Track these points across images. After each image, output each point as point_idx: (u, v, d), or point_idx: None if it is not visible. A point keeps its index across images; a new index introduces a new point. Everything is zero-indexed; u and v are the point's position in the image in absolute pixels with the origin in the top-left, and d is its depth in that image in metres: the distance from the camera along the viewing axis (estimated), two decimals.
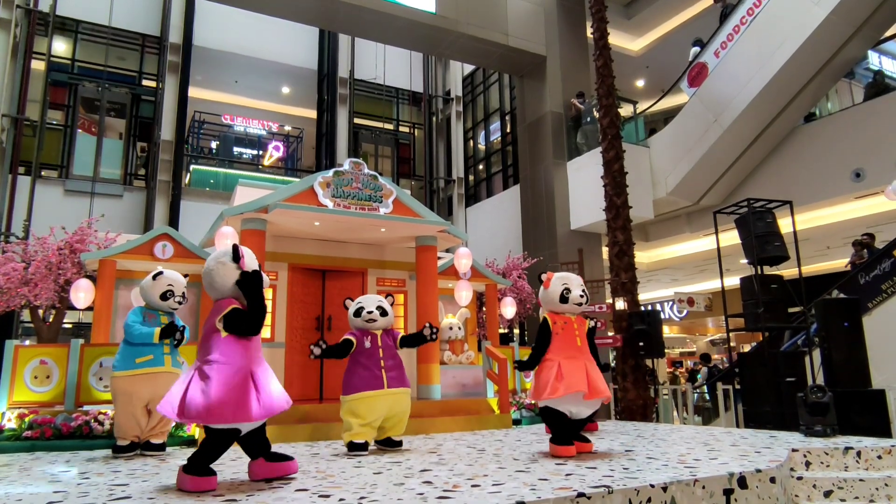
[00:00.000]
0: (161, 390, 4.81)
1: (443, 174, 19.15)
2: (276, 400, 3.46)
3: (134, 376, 4.83)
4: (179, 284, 5.18)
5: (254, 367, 3.49)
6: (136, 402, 4.85)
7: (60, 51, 14.55)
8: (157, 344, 4.93)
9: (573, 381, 4.40)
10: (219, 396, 3.29)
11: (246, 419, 3.33)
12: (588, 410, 4.59)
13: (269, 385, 3.48)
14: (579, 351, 4.62)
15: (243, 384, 3.39)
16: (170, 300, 5.08)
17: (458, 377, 7.96)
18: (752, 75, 10.88)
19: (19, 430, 5.46)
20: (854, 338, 6.43)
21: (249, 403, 3.34)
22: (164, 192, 14.08)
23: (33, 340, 8.40)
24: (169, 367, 4.94)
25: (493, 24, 13.62)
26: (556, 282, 4.78)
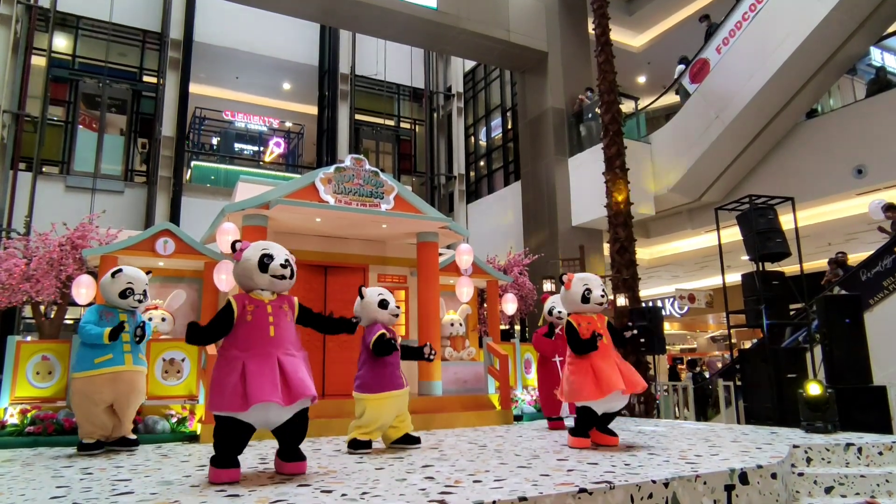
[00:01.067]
0: (123, 389, 4.78)
1: (444, 170, 19.14)
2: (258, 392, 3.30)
3: (93, 377, 4.71)
4: (140, 282, 5.03)
5: (249, 359, 3.41)
6: (98, 402, 4.74)
7: (61, 47, 14.54)
8: (116, 342, 4.79)
9: (610, 381, 4.50)
10: (213, 385, 3.40)
11: (230, 409, 3.31)
12: (622, 403, 4.71)
13: (256, 378, 3.34)
14: (607, 349, 4.73)
15: (231, 375, 3.36)
16: (129, 298, 4.94)
17: (460, 373, 7.96)
18: (754, 71, 10.85)
19: (21, 426, 5.46)
20: (855, 334, 6.42)
21: (236, 394, 3.30)
22: (165, 189, 14.07)
23: (35, 336, 8.40)
24: (130, 365, 4.82)
25: (495, 19, 13.59)
26: (578, 283, 4.86)
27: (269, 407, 3.37)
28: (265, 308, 3.59)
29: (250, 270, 3.60)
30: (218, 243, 6.72)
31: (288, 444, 3.55)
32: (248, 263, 3.61)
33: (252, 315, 3.54)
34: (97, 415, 4.77)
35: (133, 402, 4.90)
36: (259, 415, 3.39)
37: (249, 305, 3.56)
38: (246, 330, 3.51)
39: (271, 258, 3.61)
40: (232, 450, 3.42)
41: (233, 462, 3.38)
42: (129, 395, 4.84)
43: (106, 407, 4.81)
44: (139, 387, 4.93)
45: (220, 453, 3.39)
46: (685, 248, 15.96)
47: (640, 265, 10.08)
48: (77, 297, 6.74)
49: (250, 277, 3.62)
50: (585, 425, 4.64)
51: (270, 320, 3.56)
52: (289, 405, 3.41)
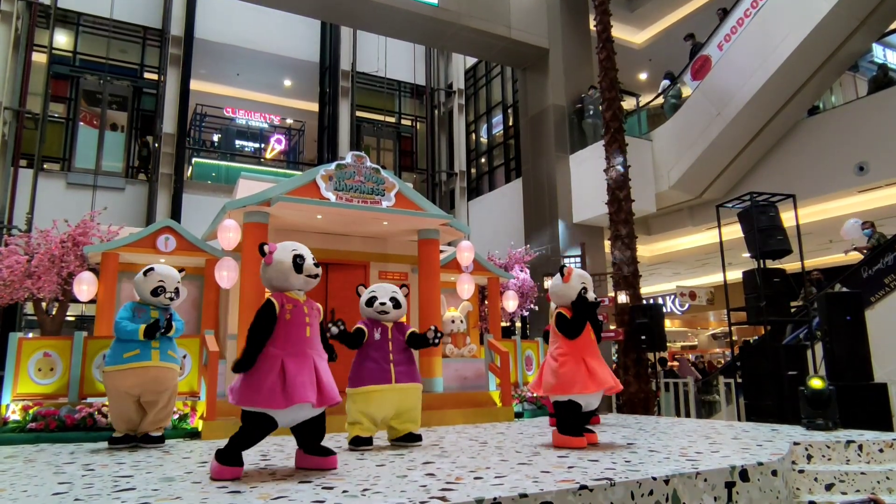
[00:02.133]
0: (150, 385, 4.84)
1: (445, 167, 19.13)
2: (300, 392, 3.36)
3: (121, 371, 4.81)
4: (171, 280, 5.11)
5: (287, 357, 3.45)
6: (125, 396, 4.84)
7: (62, 43, 14.53)
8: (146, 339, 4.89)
9: (603, 377, 4.51)
10: (248, 381, 3.42)
11: (269, 405, 3.34)
12: (597, 402, 4.70)
13: (297, 377, 3.40)
14: (595, 344, 4.74)
15: (270, 373, 3.40)
16: (161, 296, 5.03)
17: (461, 370, 7.98)
18: (755, 68, 10.83)
19: (23, 422, 5.48)
20: (856, 332, 6.42)
21: (275, 391, 3.33)
22: (166, 186, 14.08)
23: (37, 333, 8.43)
24: (157, 361, 4.88)
25: (496, 16, 13.57)
26: (576, 279, 4.79)
27: (302, 406, 3.43)
28: (302, 308, 3.65)
29: (286, 272, 3.62)
30: (219, 240, 6.72)
31: (312, 440, 3.60)
32: (283, 265, 3.63)
33: (291, 314, 3.58)
34: (124, 409, 4.88)
35: (160, 399, 4.93)
36: (291, 413, 3.44)
37: (288, 304, 3.60)
38: (285, 328, 3.54)
39: (303, 258, 3.66)
40: (246, 447, 3.44)
41: (239, 460, 3.39)
42: (155, 390, 4.89)
43: (134, 402, 4.89)
44: (167, 383, 4.96)
45: (231, 450, 3.38)
46: (686, 246, 15.96)
47: (641, 262, 10.07)
48: (78, 293, 6.75)
49: (286, 278, 3.64)
50: (573, 422, 4.54)
51: (307, 320, 3.63)
52: (320, 407, 3.49)
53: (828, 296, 6.93)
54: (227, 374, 6.66)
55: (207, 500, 2.77)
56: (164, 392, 4.95)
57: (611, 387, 4.54)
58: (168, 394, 5.00)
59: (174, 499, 2.81)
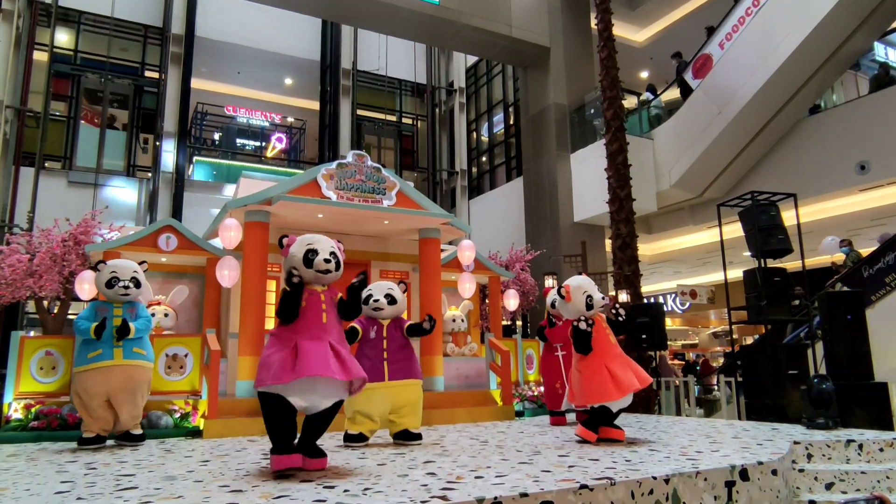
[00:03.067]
0: (115, 384, 4.79)
1: (446, 166, 19.12)
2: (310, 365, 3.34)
3: (86, 371, 4.78)
4: (124, 269, 5.05)
5: (302, 339, 3.47)
6: (93, 396, 4.78)
7: (63, 42, 14.53)
8: (106, 337, 4.82)
9: (628, 381, 4.57)
10: (261, 364, 3.47)
11: (277, 380, 3.35)
12: (628, 401, 4.75)
13: (309, 353, 3.40)
14: (615, 346, 4.79)
15: (282, 351, 3.43)
16: (115, 287, 4.96)
17: (462, 369, 7.99)
18: (756, 67, 10.82)
19: (25, 421, 5.50)
20: (857, 331, 6.42)
21: (285, 367, 3.35)
22: (167, 184, 14.08)
23: (38, 331, 8.43)
24: (119, 360, 4.82)
25: (497, 15, 13.56)
26: (577, 292, 4.86)
27: (315, 387, 3.43)
28: (319, 296, 3.68)
29: (297, 265, 3.66)
30: (220, 239, 6.74)
31: (311, 436, 3.60)
32: (294, 259, 3.67)
33: (307, 301, 3.62)
34: (93, 409, 4.82)
35: (128, 397, 4.88)
36: (304, 394, 3.44)
37: (304, 293, 3.64)
38: (301, 314, 3.58)
39: (315, 253, 3.66)
40: (286, 434, 3.45)
41: (291, 448, 3.40)
42: (122, 389, 4.83)
43: (102, 401, 4.83)
44: (134, 381, 4.90)
45: (276, 439, 3.43)
46: (687, 244, 15.95)
47: (641, 261, 10.07)
48: (80, 292, 6.76)
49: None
50: (598, 422, 4.69)
51: (323, 307, 3.65)
52: (347, 379, 3.48)
53: (828, 295, 6.94)
54: (228, 373, 6.67)
55: (209, 498, 2.78)
56: (133, 390, 4.89)
57: (638, 387, 4.61)
58: (137, 392, 4.93)
59: (176, 497, 2.82)
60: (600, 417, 4.70)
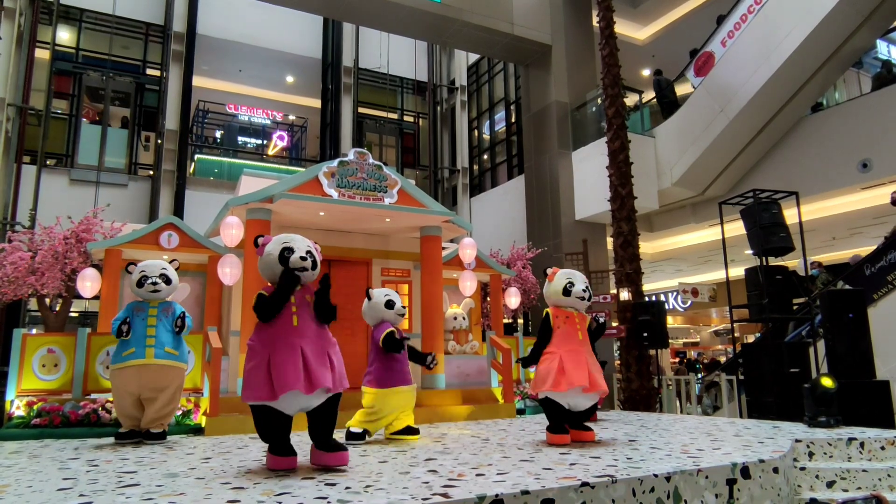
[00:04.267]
0: (147, 382, 4.88)
1: (447, 164, 19.11)
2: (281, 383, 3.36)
3: (120, 370, 4.88)
4: (153, 267, 5.17)
5: (274, 352, 3.46)
6: (125, 394, 4.90)
7: (64, 39, 14.53)
8: (139, 337, 4.92)
9: (575, 375, 4.50)
10: (245, 377, 3.52)
11: (260, 399, 3.41)
12: (587, 403, 4.68)
13: (283, 369, 3.40)
14: (581, 344, 4.72)
15: (258, 368, 3.45)
16: (145, 285, 5.06)
17: (463, 367, 7.99)
18: (758, 65, 10.80)
19: (28, 418, 5.51)
20: (859, 329, 6.42)
21: (264, 386, 3.39)
22: (168, 182, 14.09)
23: (40, 329, 8.45)
24: (151, 359, 4.89)
25: (498, 12, 13.54)
26: (561, 276, 4.90)
27: (296, 396, 3.44)
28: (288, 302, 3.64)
29: (272, 264, 3.65)
30: (222, 237, 6.74)
31: (321, 433, 3.59)
32: (270, 258, 3.66)
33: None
34: (124, 406, 4.94)
35: (158, 396, 4.95)
36: (289, 402, 3.47)
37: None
38: (270, 323, 3.57)
39: (291, 251, 3.64)
40: (280, 437, 3.51)
41: (289, 450, 3.48)
42: (152, 388, 4.92)
43: (134, 399, 4.94)
44: (164, 381, 4.96)
45: (271, 442, 3.51)
46: (689, 243, 15.93)
47: (643, 259, 10.06)
48: (82, 290, 6.78)
49: (272, 271, 3.66)
50: (556, 419, 4.58)
51: (293, 309, 3.61)
52: (309, 394, 3.45)
53: (830, 293, 6.93)
54: (230, 371, 6.68)
55: (211, 496, 2.79)
56: (161, 390, 4.95)
57: (584, 387, 4.48)
58: (167, 392, 4.99)
59: (178, 495, 2.83)
60: (552, 413, 4.59)
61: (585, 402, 4.65)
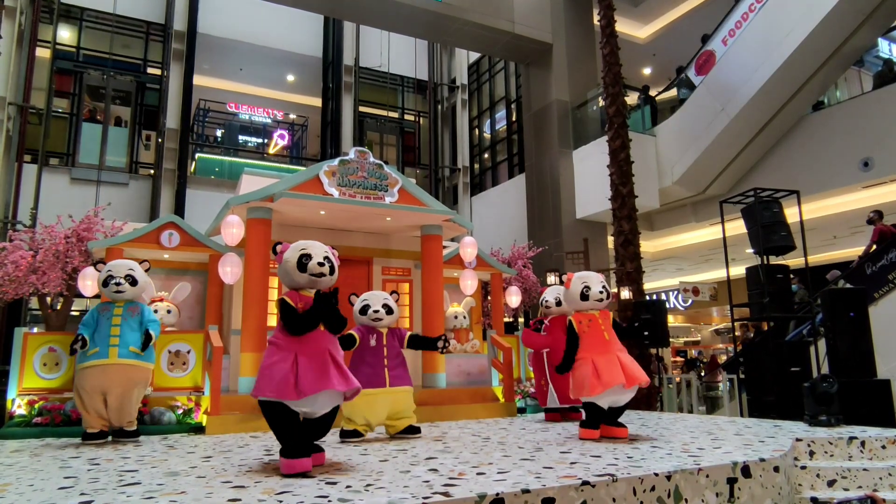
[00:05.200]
0: (109, 381, 4.86)
1: (448, 163, 19.11)
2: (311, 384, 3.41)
3: (84, 369, 4.87)
4: (119, 267, 5.15)
5: (301, 352, 3.50)
6: (89, 392, 4.86)
7: (65, 38, 14.54)
8: (102, 336, 4.92)
9: (610, 376, 4.58)
10: (262, 373, 3.50)
11: (281, 396, 3.39)
12: (627, 397, 4.75)
13: (309, 370, 3.44)
14: (609, 345, 4.79)
15: (283, 364, 3.45)
16: (110, 285, 5.06)
17: (464, 366, 7.99)
18: (760, 63, 10.79)
19: (29, 417, 5.52)
20: (860, 328, 6.41)
21: (287, 384, 3.38)
22: (169, 181, 14.10)
23: (41, 328, 8.45)
24: (115, 358, 4.87)
25: (499, 11, 13.53)
26: (577, 281, 4.97)
27: (316, 398, 3.45)
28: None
29: (290, 271, 3.69)
30: (223, 236, 6.74)
31: (317, 436, 3.65)
32: (288, 265, 3.70)
33: (301, 309, 3.64)
34: (90, 405, 4.90)
35: (121, 395, 4.92)
36: (308, 405, 3.48)
37: (300, 303, 3.66)
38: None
39: (309, 258, 3.69)
40: (295, 437, 3.47)
41: (300, 451, 3.39)
42: (116, 387, 4.89)
43: (99, 399, 4.91)
44: (129, 379, 4.95)
45: (285, 443, 3.45)
46: (689, 241, 15.93)
47: (644, 258, 10.06)
48: (83, 289, 6.77)
49: (291, 278, 3.72)
50: (594, 419, 4.72)
51: None
52: (346, 390, 3.53)
53: (831, 292, 6.92)
54: (230, 370, 6.68)
55: (212, 494, 2.79)
56: (124, 389, 4.92)
57: (621, 383, 4.57)
58: (130, 391, 4.96)
59: (179, 493, 2.83)
60: (592, 414, 4.72)
61: (626, 397, 4.74)
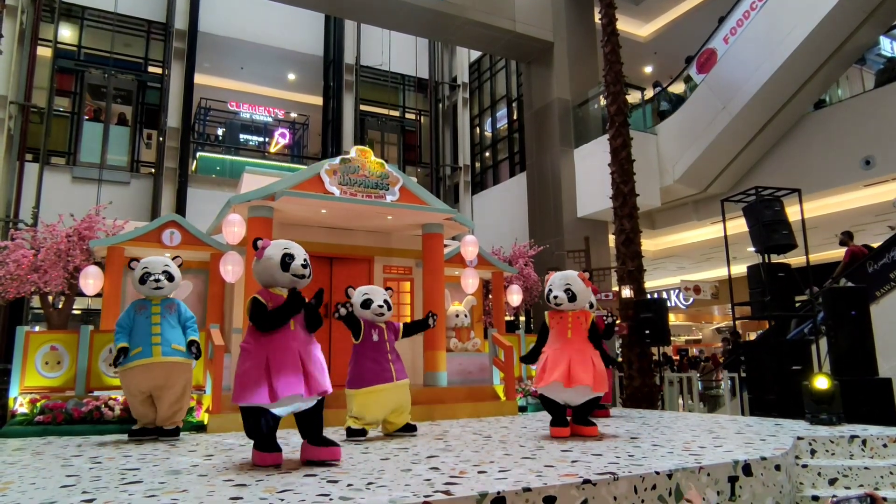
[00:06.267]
0: (156, 381, 4.90)
1: (449, 161, 19.10)
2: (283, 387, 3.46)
3: (129, 370, 4.89)
4: (155, 263, 5.16)
5: (273, 354, 3.55)
6: (135, 393, 4.92)
7: (66, 37, 14.53)
8: (144, 335, 4.93)
9: (553, 372, 4.74)
10: (237, 378, 3.57)
11: (256, 401, 3.47)
12: (577, 397, 4.82)
13: (280, 372, 3.50)
14: (567, 343, 4.88)
15: (256, 370, 3.51)
16: (148, 281, 5.07)
17: (465, 364, 8.00)
18: (761, 61, 10.77)
19: (31, 415, 5.53)
20: (861, 326, 6.41)
21: (261, 388, 3.46)
22: (170, 180, 14.09)
23: (43, 327, 8.47)
24: (158, 357, 4.89)
25: (500, 9, 13.51)
26: (547, 284, 5.14)
27: (293, 398, 3.55)
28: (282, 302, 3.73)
29: (272, 269, 3.70)
30: (224, 234, 6.75)
31: (314, 430, 3.69)
32: (271, 262, 3.70)
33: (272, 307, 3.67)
34: (135, 405, 4.98)
35: (167, 394, 4.97)
36: (283, 404, 3.57)
37: (271, 302, 3.68)
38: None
39: (293, 258, 3.71)
40: (268, 436, 3.59)
41: (275, 446, 3.56)
42: (162, 386, 4.93)
43: (145, 398, 4.97)
44: (173, 377, 4.98)
45: (258, 440, 3.58)
46: (691, 240, 15.92)
47: (645, 256, 10.05)
48: (84, 287, 6.79)
49: (272, 275, 3.72)
50: (552, 413, 4.89)
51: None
52: (309, 397, 3.59)
53: (833, 290, 6.91)
54: (232, 368, 6.69)
55: (213, 493, 2.80)
56: (170, 387, 4.97)
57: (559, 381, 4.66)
58: (176, 388, 5.00)
59: (180, 491, 2.84)
60: (548, 408, 4.92)
61: (575, 397, 4.82)
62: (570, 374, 4.67)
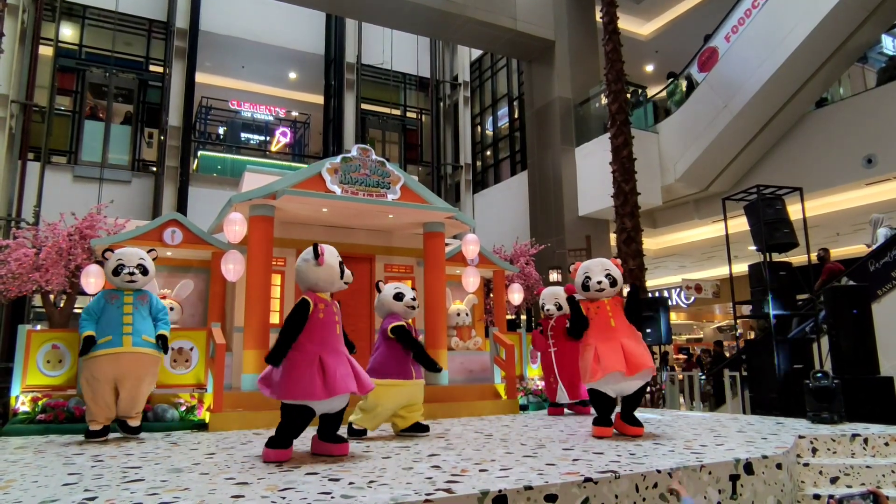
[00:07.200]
0: (124, 370, 4.84)
1: (450, 160, 19.10)
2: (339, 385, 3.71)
3: (95, 358, 4.82)
4: (130, 256, 5.12)
5: (324, 353, 3.77)
6: (101, 382, 4.82)
7: (67, 36, 14.55)
8: (115, 324, 4.88)
9: (610, 362, 4.52)
10: (287, 376, 3.71)
11: (309, 398, 3.67)
12: (634, 385, 4.65)
13: (336, 370, 3.74)
14: (614, 331, 4.72)
15: (310, 367, 3.70)
16: (122, 274, 5.04)
17: (466, 363, 8.00)
18: (763, 60, 10.75)
19: (33, 414, 5.53)
20: (862, 325, 6.40)
21: (315, 385, 3.65)
22: (171, 178, 14.11)
23: (45, 325, 8.47)
24: (129, 347, 4.85)
25: (501, 8, 13.51)
26: (580, 271, 4.99)
27: (342, 396, 3.81)
28: (332, 307, 4.01)
29: (334, 275, 4.03)
30: (225, 233, 6.75)
31: (332, 427, 3.92)
32: (333, 269, 4.04)
33: (324, 313, 3.92)
34: (100, 395, 4.83)
35: (134, 384, 4.91)
36: (329, 403, 3.79)
37: (321, 304, 3.92)
38: (321, 327, 3.88)
39: (343, 265, 4.12)
40: (293, 437, 3.77)
41: (287, 443, 3.73)
42: (129, 375, 4.87)
43: (111, 387, 4.87)
44: (141, 369, 4.93)
45: (283, 438, 3.73)
46: (692, 239, 15.91)
47: (646, 255, 10.05)
48: (86, 286, 6.78)
49: (332, 281, 4.04)
50: (601, 411, 4.66)
51: (336, 318, 4.02)
52: (363, 393, 3.98)
53: (834, 289, 6.91)
54: (233, 367, 6.70)
55: (215, 491, 2.80)
56: (136, 378, 4.91)
57: (620, 370, 4.46)
58: (141, 380, 4.95)
59: (182, 490, 2.84)
60: (599, 405, 4.66)
61: (632, 385, 4.63)
62: (630, 362, 4.49)
